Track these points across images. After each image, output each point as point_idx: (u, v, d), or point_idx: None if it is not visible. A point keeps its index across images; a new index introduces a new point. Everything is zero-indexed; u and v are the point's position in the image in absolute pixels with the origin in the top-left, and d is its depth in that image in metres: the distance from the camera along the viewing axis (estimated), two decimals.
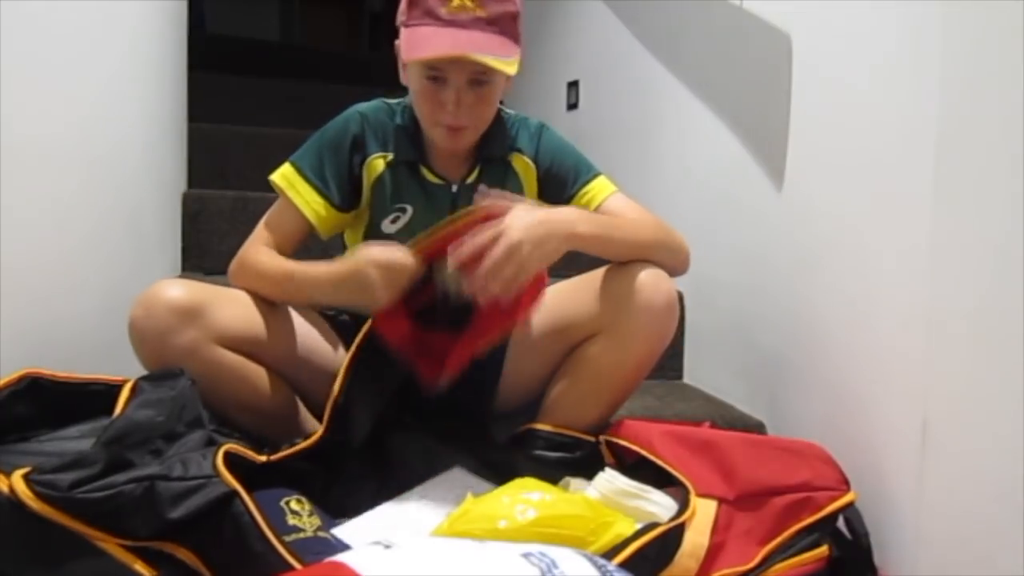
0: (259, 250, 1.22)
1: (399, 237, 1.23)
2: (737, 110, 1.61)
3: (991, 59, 0.97)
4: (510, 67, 1.14)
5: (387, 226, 1.27)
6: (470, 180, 1.28)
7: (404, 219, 1.26)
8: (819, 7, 1.32)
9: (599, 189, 1.29)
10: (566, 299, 1.23)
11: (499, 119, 1.29)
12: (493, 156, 1.29)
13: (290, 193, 1.23)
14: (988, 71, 0.97)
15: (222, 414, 1.17)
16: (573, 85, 2.53)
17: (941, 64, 1.02)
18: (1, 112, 1.01)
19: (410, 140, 1.26)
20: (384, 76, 1.31)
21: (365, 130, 1.25)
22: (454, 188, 1.28)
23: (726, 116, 1.64)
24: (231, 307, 1.16)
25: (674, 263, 1.22)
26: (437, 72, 1.15)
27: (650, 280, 1.16)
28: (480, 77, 1.16)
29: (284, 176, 1.24)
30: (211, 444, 1.06)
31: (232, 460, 0.95)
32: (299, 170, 1.24)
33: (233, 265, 1.23)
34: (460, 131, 1.20)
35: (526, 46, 1.21)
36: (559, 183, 1.30)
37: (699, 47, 1.79)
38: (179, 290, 1.12)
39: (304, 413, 1.24)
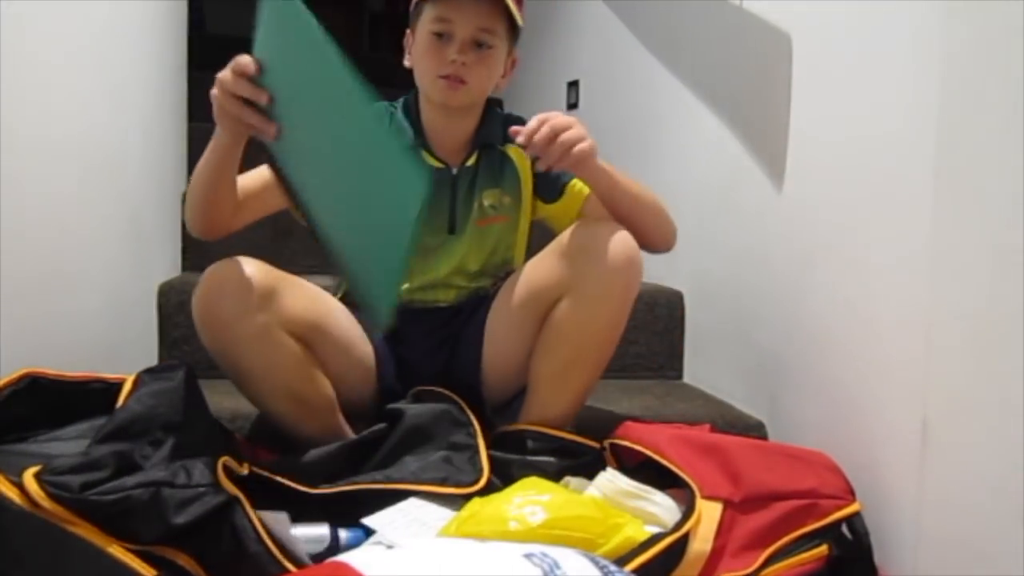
0: None
1: None
2: (737, 110, 1.61)
3: (991, 59, 0.97)
4: (519, 18, 1.26)
5: None
6: (469, 164, 1.35)
7: None
8: (819, 7, 1.32)
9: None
10: (532, 269, 1.27)
11: (494, 111, 1.36)
12: (489, 143, 1.35)
13: None
14: (988, 71, 0.97)
15: (265, 403, 1.20)
16: (573, 85, 2.53)
17: (941, 64, 1.02)
18: (1, 112, 1.01)
19: (412, 127, 1.33)
20: (384, 76, 1.32)
21: None
22: (454, 171, 1.35)
23: (726, 116, 1.64)
24: (296, 292, 1.20)
25: (664, 233, 1.29)
26: (445, 25, 1.23)
27: (608, 235, 1.18)
28: (484, 37, 1.24)
29: None
30: (212, 434, 1.07)
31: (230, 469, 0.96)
32: None
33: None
34: (459, 85, 1.25)
35: (526, 46, 1.24)
36: (552, 173, 1.34)
37: (699, 47, 1.79)
38: (253, 270, 1.13)
39: (339, 411, 1.27)
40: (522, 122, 1.32)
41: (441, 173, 1.34)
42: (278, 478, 1.05)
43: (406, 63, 1.32)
